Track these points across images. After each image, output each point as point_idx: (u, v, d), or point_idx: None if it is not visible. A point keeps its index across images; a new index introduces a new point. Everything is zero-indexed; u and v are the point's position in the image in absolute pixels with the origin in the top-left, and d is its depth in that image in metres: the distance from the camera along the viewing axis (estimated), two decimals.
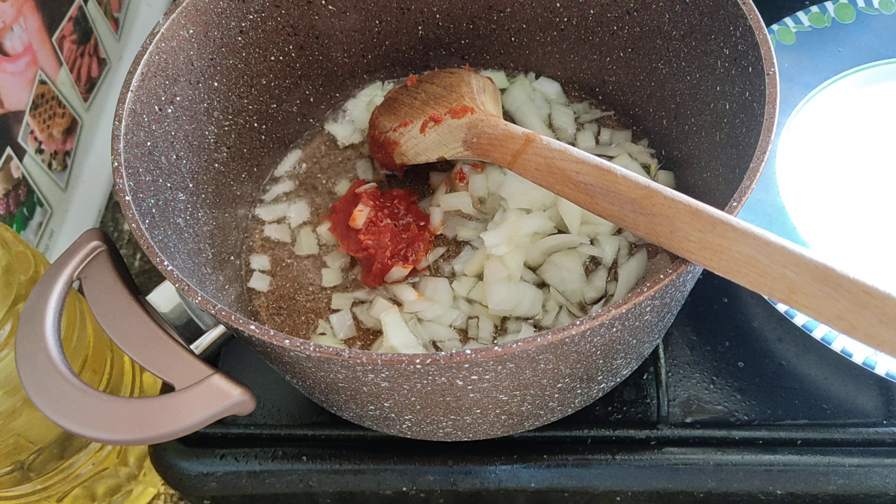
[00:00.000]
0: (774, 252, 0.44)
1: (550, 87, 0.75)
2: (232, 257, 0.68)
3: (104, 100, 0.86)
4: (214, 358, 0.61)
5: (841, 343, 0.60)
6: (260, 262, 0.69)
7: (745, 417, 0.63)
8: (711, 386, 0.65)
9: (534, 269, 0.65)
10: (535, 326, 0.63)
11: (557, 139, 0.65)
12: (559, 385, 0.52)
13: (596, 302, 0.64)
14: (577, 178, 0.53)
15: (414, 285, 0.66)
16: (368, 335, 0.65)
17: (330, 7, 0.70)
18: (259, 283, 0.68)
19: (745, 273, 0.45)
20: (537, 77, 0.76)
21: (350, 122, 0.75)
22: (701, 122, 0.62)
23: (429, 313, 0.63)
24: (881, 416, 0.63)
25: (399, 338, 0.61)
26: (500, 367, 0.46)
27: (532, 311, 0.63)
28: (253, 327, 0.46)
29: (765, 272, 0.44)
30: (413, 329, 0.63)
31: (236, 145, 0.69)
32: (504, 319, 0.63)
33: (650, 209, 0.49)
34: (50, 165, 0.77)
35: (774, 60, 0.53)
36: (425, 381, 0.47)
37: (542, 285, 0.64)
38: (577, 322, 0.44)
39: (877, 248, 0.67)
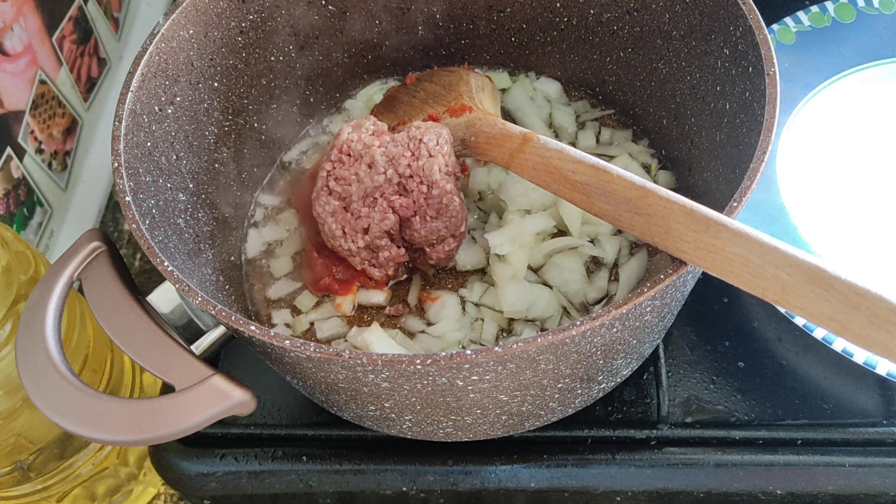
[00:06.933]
0: (768, 253, 0.44)
1: (551, 87, 0.75)
2: (232, 258, 0.68)
3: (104, 100, 0.86)
4: (215, 358, 0.61)
5: (841, 343, 0.60)
6: (281, 316, 0.67)
7: (745, 417, 0.63)
8: (711, 386, 0.65)
9: (535, 271, 0.65)
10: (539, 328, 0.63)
11: (558, 139, 0.65)
12: (559, 385, 0.52)
13: (598, 302, 0.63)
14: (574, 178, 0.53)
15: (421, 310, 0.65)
16: None
17: (330, 7, 0.70)
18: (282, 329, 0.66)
19: (738, 273, 0.45)
20: (538, 77, 0.76)
21: (350, 120, 0.75)
22: (701, 122, 0.62)
23: (435, 330, 0.63)
24: (881, 416, 0.62)
25: (385, 349, 0.61)
26: (500, 368, 0.46)
27: (547, 313, 0.62)
28: (253, 328, 0.46)
29: (758, 273, 0.44)
30: (402, 342, 0.62)
31: (236, 145, 0.69)
32: (510, 321, 0.63)
33: (645, 209, 0.49)
34: (50, 165, 0.77)
35: (774, 60, 0.53)
36: (425, 382, 0.47)
37: (544, 286, 0.64)
38: (578, 322, 0.44)
39: (877, 248, 0.67)
